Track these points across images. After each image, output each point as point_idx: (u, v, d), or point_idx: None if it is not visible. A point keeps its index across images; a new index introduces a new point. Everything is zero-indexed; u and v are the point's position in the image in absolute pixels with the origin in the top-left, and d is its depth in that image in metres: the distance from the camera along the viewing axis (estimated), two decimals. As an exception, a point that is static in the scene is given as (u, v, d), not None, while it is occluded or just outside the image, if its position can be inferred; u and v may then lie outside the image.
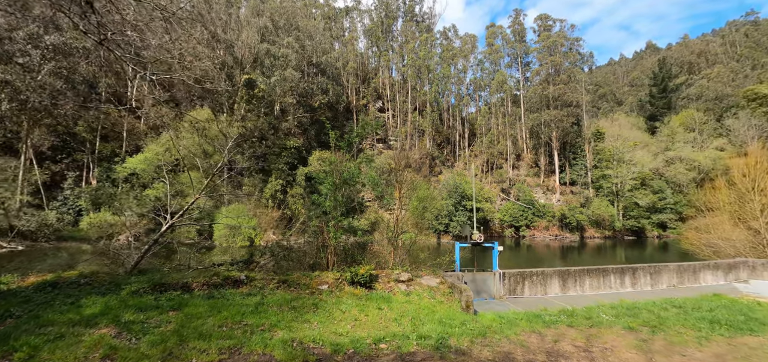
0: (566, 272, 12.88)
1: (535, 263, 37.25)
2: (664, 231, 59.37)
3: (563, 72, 67.37)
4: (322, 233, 11.45)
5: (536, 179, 66.54)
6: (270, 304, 7.88)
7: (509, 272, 12.53)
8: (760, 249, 18.71)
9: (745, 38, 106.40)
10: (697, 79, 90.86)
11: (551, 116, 63.56)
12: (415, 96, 76.49)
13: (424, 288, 10.16)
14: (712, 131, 70.37)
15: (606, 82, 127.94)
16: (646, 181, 60.77)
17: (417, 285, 10.29)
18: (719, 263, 15.01)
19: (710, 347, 7.15)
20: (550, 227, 57.21)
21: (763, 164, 20.86)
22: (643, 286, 13.61)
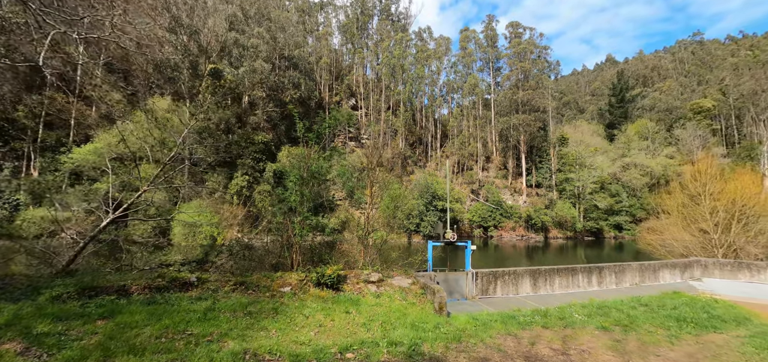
0: (537, 271, 12.85)
1: (502, 263, 38.01)
2: (620, 232, 62.99)
3: (532, 78, 69.73)
4: (286, 231, 10.58)
5: (504, 181, 68.37)
6: (222, 309, 6.96)
7: (482, 272, 12.28)
8: (709, 249, 19.92)
9: (692, 56, 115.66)
10: (650, 92, 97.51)
11: (520, 120, 65.53)
12: (389, 95, 76.19)
13: (396, 288, 9.60)
14: (663, 139, 75.66)
15: (570, 90, 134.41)
16: (604, 185, 64.21)
17: (388, 285, 9.70)
18: (676, 262, 15.70)
19: (681, 346, 7.12)
20: (517, 228, 58.91)
21: (712, 170, 22.30)
22: (608, 285, 13.89)
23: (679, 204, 23.00)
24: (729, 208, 19.49)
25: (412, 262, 12.18)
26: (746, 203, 19.94)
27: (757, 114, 71.86)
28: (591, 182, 62.56)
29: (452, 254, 23.73)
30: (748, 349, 6.90)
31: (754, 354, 6.71)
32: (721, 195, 20.61)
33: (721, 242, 19.88)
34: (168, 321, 6.08)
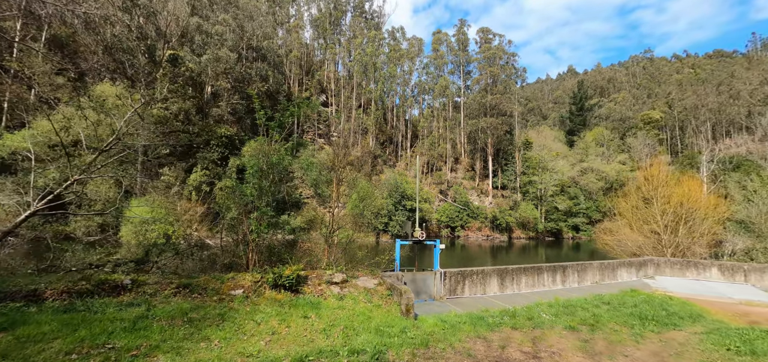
0: (504, 271, 12.77)
1: (469, 262, 38.55)
2: (577, 233, 66.38)
3: (500, 83, 71.76)
4: (242, 228, 9.64)
5: (472, 182, 69.82)
6: (158, 317, 6.02)
7: (450, 271, 11.98)
8: (660, 249, 21.12)
9: (643, 70, 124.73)
10: (606, 102, 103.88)
11: (488, 124, 67.18)
12: (360, 93, 75.38)
13: (361, 290, 9.00)
14: (616, 147, 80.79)
15: (534, 97, 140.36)
16: (564, 188, 67.42)
17: (352, 287, 9.08)
18: (632, 261, 16.38)
19: (646, 344, 7.10)
20: (483, 228, 60.29)
21: (663, 176, 23.72)
22: (571, 283, 14.15)
23: (633, 207, 24.25)
24: (677, 211, 20.77)
25: (379, 262, 11.64)
26: (691, 206, 21.35)
27: (697, 126, 78.61)
28: (552, 185, 65.42)
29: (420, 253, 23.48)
30: (707, 346, 6.99)
31: (714, 350, 6.79)
32: (671, 199, 21.93)
33: (670, 242, 21.13)
34: (85, 333, 5.08)
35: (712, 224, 20.30)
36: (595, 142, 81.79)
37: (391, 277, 10.13)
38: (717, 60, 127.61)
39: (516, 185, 68.01)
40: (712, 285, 14.75)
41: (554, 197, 65.82)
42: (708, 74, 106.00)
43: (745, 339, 7.26)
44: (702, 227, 20.21)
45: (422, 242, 11.73)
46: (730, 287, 14.50)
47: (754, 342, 7.05)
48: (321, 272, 9.36)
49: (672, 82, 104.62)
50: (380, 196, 59.03)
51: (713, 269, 16.34)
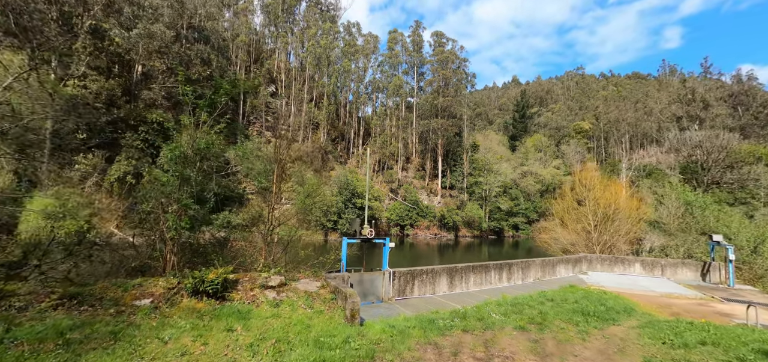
0: (453, 269, 12.57)
1: (418, 261, 38.87)
2: (517, 232, 70.81)
3: (452, 86, 73.94)
4: (158, 224, 8.11)
5: (422, 182, 71.08)
6: (19, 341, 4.54)
7: (399, 271, 11.44)
8: (591, 246, 22.82)
9: (576, 85, 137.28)
10: (544, 112, 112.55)
11: (439, 125, 68.82)
12: (312, 86, 72.88)
13: (301, 294, 8.01)
14: (552, 153, 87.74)
15: (482, 103, 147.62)
16: (507, 189, 71.52)
17: (291, 290, 8.06)
18: (569, 258, 17.32)
19: (592, 342, 7.09)
20: (431, 227, 61.60)
21: (594, 179, 25.73)
22: (516, 280, 14.44)
23: (568, 207, 25.98)
24: (607, 211, 22.61)
25: (324, 262, 10.71)
26: (617, 208, 23.39)
27: (618, 137, 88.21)
28: (496, 186, 69.02)
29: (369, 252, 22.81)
30: (645, 341, 7.17)
31: (651, 344, 6.97)
32: (600, 201, 23.82)
33: (599, 240, 22.93)
34: None
35: (633, 223, 22.39)
36: (535, 147, 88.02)
37: (337, 279, 9.27)
38: (635, 81, 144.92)
39: (463, 186, 70.58)
40: (636, 279, 16.07)
41: (497, 198, 69.51)
42: (628, 92, 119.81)
43: (676, 332, 7.61)
44: (625, 227, 22.20)
45: (371, 241, 11.02)
46: (651, 280, 15.91)
47: (683, 334, 7.40)
48: (255, 275, 8.20)
49: (599, 98, 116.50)
50: (330, 193, 57.58)
51: (636, 265, 17.90)
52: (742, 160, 63.28)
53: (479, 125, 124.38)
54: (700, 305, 11.81)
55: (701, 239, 22.34)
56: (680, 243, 21.24)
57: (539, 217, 74.08)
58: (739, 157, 63.43)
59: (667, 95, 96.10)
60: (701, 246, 19.98)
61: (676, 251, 20.74)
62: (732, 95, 78.78)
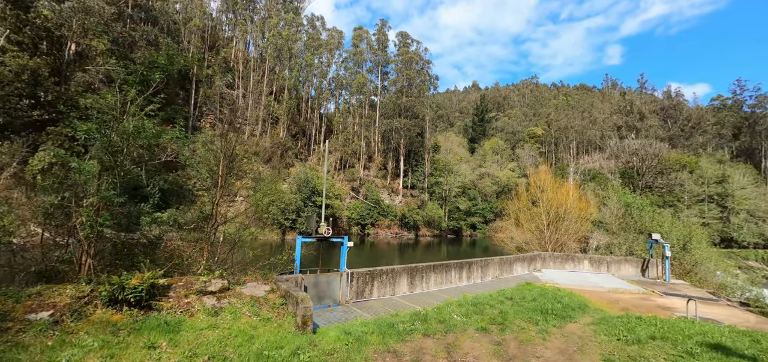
0: (414, 269, 12.22)
1: (378, 260, 38.52)
2: (474, 231, 73.16)
3: (415, 87, 74.60)
4: (69, 220, 6.80)
5: (384, 181, 71.00)
6: None
7: (358, 272, 10.84)
8: (544, 244, 23.79)
9: (530, 93, 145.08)
10: (502, 117, 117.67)
11: (402, 124, 69.11)
12: (272, 79, 69.96)
13: (246, 300, 7.12)
14: (508, 156, 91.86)
15: (444, 106, 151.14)
16: (465, 189, 73.64)
17: (235, 296, 7.14)
18: (524, 256, 17.79)
19: (552, 341, 6.99)
20: (392, 226, 61.68)
21: (547, 181, 26.92)
22: (476, 279, 14.44)
23: (524, 207, 26.95)
24: (558, 211, 23.71)
25: (276, 263, 9.83)
26: (567, 208, 24.62)
27: (567, 143, 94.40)
28: (456, 186, 70.79)
29: (328, 253, 21.99)
30: (602, 338, 7.21)
31: (607, 341, 7.03)
32: (553, 201, 24.94)
33: (551, 238, 23.97)
34: None
35: (581, 223, 23.68)
36: (492, 150, 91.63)
37: (289, 281, 8.46)
38: (582, 92, 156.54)
39: (424, 186, 71.56)
40: (585, 276, 16.85)
41: (457, 198, 71.32)
42: (575, 102, 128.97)
43: (628, 327, 7.79)
44: (574, 226, 23.42)
45: (328, 239, 10.30)
46: (598, 276, 16.78)
47: (635, 330, 7.58)
48: (192, 279, 7.16)
49: (551, 106, 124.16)
50: (288, 190, 55.65)
51: (585, 262, 18.85)
52: (670, 167, 70.47)
53: (440, 126, 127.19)
54: (644, 299, 12.50)
55: (640, 238, 24.16)
56: (622, 241, 22.83)
57: (495, 217, 77.29)
58: (668, 164, 70.58)
59: (610, 106, 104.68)
60: (640, 244, 21.60)
61: (619, 249, 22.26)
62: (663, 109, 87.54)
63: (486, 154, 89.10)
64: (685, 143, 79.74)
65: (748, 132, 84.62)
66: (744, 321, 9.95)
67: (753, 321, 9.98)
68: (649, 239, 18.11)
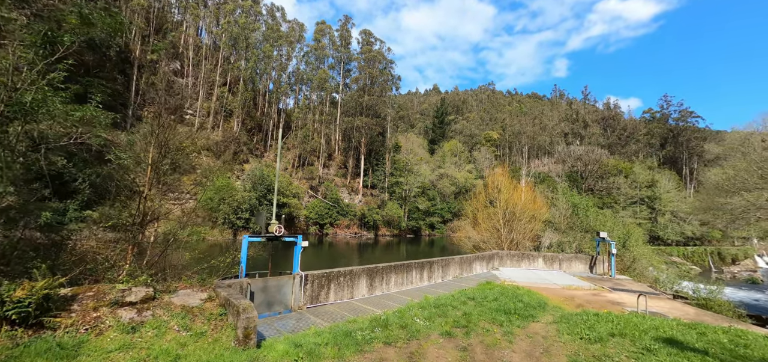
0: (374, 270, 11.59)
1: (336, 261, 37.48)
2: (433, 231, 74.40)
3: (378, 85, 74.18)
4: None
5: (344, 180, 69.81)
6: None
7: (313, 274, 9.96)
8: (500, 243, 24.39)
9: (487, 98, 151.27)
10: (460, 120, 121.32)
11: (363, 123, 68.36)
12: (226, 69, 65.86)
13: (176, 311, 6.00)
14: (466, 158, 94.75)
15: (405, 107, 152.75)
16: (425, 190, 74.67)
17: (162, 307, 5.98)
18: (483, 255, 17.92)
19: (518, 344, 6.70)
20: (351, 226, 60.75)
21: (504, 182, 27.71)
22: (437, 278, 14.15)
23: (482, 206, 27.51)
24: (514, 210, 24.43)
25: (217, 265, 8.67)
26: (523, 208, 25.47)
27: (520, 147, 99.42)
28: (415, 186, 71.48)
29: (282, 254, 20.68)
30: (565, 338, 7.06)
31: (571, 341, 6.88)
32: (509, 201, 25.68)
33: (507, 238, 24.63)
34: None
35: (535, 222, 24.60)
36: (451, 152, 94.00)
37: (232, 287, 7.39)
38: (533, 100, 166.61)
39: (384, 185, 71.42)
40: (540, 273, 17.34)
41: (416, 198, 72.07)
42: (528, 109, 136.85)
43: (588, 325, 7.76)
44: (529, 226, 24.27)
45: (280, 239, 9.31)
46: (552, 273, 17.35)
47: (595, 327, 7.58)
48: (105, 288, 5.89)
49: (506, 112, 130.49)
50: (242, 188, 52.69)
51: (539, 260, 19.48)
52: (609, 171, 76.91)
53: (402, 127, 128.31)
54: (595, 295, 12.96)
55: (587, 236, 25.64)
56: (572, 240, 24.06)
57: (453, 217, 79.34)
58: (607, 169, 76.95)
59: (558, 114, 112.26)
60: (588, 242, 22.90)
61: (569, 247, 23.41)
62: (604, 119, 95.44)
63: (445, 155, 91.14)
64: (622, 151, 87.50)
65: (672, 142, 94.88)
66: (685, 313, 10.55)
67: (693, 314, 10.62)
68: (596, 238, 19.15)
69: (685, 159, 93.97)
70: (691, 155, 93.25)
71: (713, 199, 36.93)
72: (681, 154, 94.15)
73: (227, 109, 63.11)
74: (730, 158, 40.51)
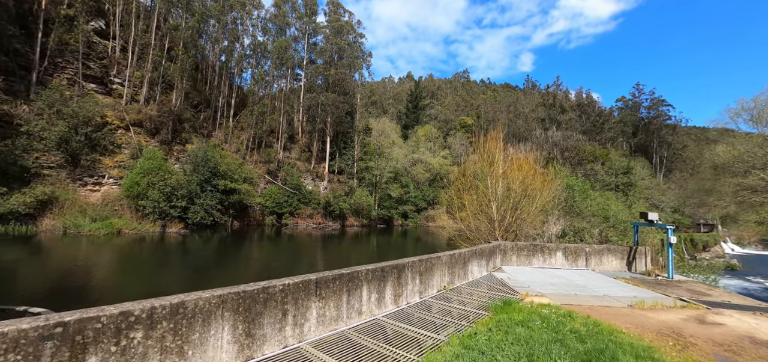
0: (254, 295, 4.98)
1: (296, 258, 30.34)
2: (406, 220, 68.51)
3: (346, 59, 66.63)
4: None
5: (307, 165, 62.13)
6: None
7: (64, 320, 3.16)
8: (493, 231, 18.49)
9: (462, 86, 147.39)
10: (436, 104, 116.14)
11: (330, 99, 60.78)
12: (165, 32, 55.75)
13: None
14: (441, 144, 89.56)
15: (377, 92, 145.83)
16: (397, 176, 68.50)
17: None
18: (482, 250, 11.69)
19: None
20: (315, 215, 53.51)
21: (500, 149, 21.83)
22: (410, 297, 7.68)
23: (467, 185, 21.46)
24: (513, 187, 18.52)
25: None
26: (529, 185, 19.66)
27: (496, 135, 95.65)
28: (387, 172, 65.10)
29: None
30: None
31: None
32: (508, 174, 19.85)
33: (501, 225, 18.73)
34: None
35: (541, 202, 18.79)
36: (425, 137, 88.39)
37: None
38: (507, 90, 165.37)
39: (353, 171, 64.47)
40: (564, 274, 11.49)
41: (388, 185, 65.78)
42: (502, 98, 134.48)
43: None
44: (532, 207, 18.43)
45: None
46: (584, 276, 11.55)
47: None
48: None
49: (480, 99, 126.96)
50: (182, 171, 44.05)
51: (558, 254, 13.65)
52: (586, 158, 74.32)
53: (374, 113, 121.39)
54: (700, 322, 7.02)
55: (593, 220, 20.23)
56: (590, 226, 18.55)
57: (428, 205, 74.13)
58: (584, 155, 74.31)
59: (531, 102, 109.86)
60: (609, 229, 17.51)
61: (590, 235, 17.91)
62: (579, 105, 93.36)
63: (419, 140, 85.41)
64: (597, 137, 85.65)
65: (644, 131, 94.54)
66: None
67: None
68: (635, 223, 13.56)
69: (656, 147, 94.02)
70: (662, 143, 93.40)
71: (718, 179, 32.95)
72: (651, 142, 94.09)
73: (167, 80, 53.33)
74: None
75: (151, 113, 49.51)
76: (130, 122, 46.84)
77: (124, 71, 50.92)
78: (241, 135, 58.98)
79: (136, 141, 45.39)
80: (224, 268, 19.28)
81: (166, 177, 38.94)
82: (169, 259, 25.15)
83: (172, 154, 48.91)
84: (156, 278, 17.82)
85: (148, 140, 47.72)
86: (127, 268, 19.92)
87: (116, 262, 21.41)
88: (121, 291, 14.16)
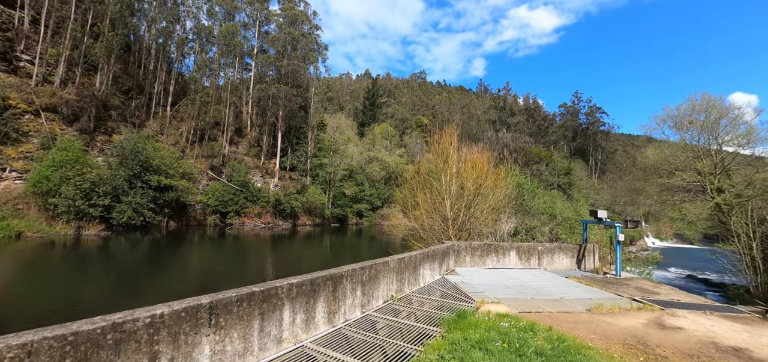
0: (131, 325, 3.46)
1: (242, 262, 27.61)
2: (361, 219, 67.26)
3: (300, 50, 63.57)
4: None
5: (256, 160, 58.35)
6: None
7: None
8: (447, 231, 17.90)
9: (419, 86, 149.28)
10: (393, 103, 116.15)
11: (282, 92, 57.54)
12: (88, 6, 48.87)
13: None
14: (397, 142, 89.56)
15: (334, 88, 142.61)
16: (352, 173, 66.99)
17: None
18: (434, 252, 10.77)
19: None
20: (263, 214, 50.28)
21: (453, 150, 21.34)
22: (349, 311, 6.40)
23: (420, 183, 20.74)
24: (466, 185, 18.05)
25: None
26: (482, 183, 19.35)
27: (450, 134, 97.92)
28: (342, 169, 63.34)
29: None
30: None
31: None
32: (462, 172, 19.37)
33: (454, 223, 18.20)
34: None
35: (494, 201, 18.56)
36: (382, 135, 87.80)
37: None
38: (461, 92, 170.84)
39: (306, 168, 61.79)
40: (518, 276, 10.99)
41: (343, 183, 64.04)
42: (457, 100, 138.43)
43: None
44: (485, 205, 18.11)
45: None
46: (538, 276, 11.13)
47: None
48: None
49: (436, 100, 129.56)
50: (106, 165, 38.84)
51: (512, 254, 13.23)
52: (532, 159, 78.56)
53: (330, 109, 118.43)
54: (659, 326, 6.59)
55: (543, 218, 20.53)
56: (540, 224, 18.65)
57: (383, 204, 73.57)
58: (531, 156, 78.49)
59: (483, 104, 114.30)
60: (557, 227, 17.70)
61: (541, 233, 17.96)
62: (527, 109, 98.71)
63: (375, 138, 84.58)
64: (542, 140, 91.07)
65: (582, 135, 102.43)
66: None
67: None
68: (584, 221, 13.61)
69: (591, 150, 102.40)
70: (597, 147, 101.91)
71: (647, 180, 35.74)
72: (588, 146, 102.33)
73: (89, 60, 46.78)
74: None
75: (69, 97, 43.19)
76: (41, 106, 40.27)
77: (35, 47, 43.93)
78: (180, 126, 53.68)
79: (48, 129, 39.10)
80: (204, 259, 16.56)
81: (84, 171, 33.86)
82: (77, 268, 21.44)
83: (95, 145, 43.06)
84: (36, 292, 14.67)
85: (65, 128, 41.43)
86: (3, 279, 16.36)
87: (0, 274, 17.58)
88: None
